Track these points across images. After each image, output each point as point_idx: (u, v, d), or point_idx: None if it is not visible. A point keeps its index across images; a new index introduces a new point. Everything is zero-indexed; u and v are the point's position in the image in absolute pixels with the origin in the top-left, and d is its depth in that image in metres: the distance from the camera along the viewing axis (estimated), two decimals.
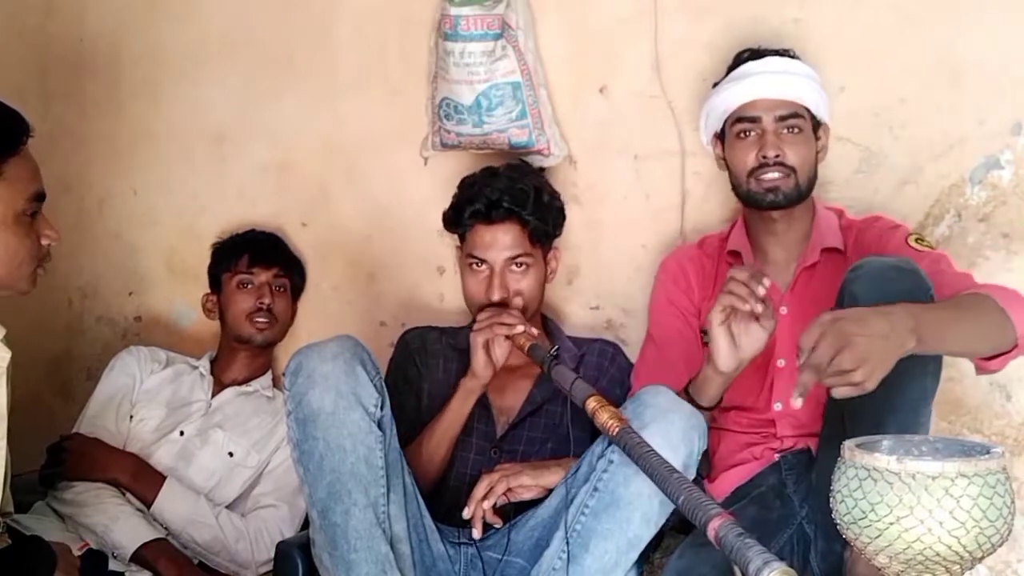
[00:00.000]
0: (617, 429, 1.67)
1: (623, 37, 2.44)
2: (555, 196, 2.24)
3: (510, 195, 2.13)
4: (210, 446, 2.38)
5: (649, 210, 2.45)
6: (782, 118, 2.05)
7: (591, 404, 1.73)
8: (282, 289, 2.57)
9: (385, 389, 1.89)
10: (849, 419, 1.82)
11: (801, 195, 2.07)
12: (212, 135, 2.81)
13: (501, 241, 2.14)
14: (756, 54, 2.11)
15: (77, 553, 2.07)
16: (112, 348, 2.68)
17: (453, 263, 2.59)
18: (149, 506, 2.24)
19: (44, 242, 1.82)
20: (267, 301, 2.52)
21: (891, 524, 1.43)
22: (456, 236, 2.25)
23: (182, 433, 2.39)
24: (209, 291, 2.63)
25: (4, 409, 1.80)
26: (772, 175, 2.04)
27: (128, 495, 2.25)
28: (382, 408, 1.87)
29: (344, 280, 2.72)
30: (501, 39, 2.37)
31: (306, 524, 2.25)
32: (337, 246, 2.72)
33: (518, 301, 2.14)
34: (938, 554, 1.42)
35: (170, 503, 2.25)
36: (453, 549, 2.00)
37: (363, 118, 2.67)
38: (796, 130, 2.05)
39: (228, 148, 2.80)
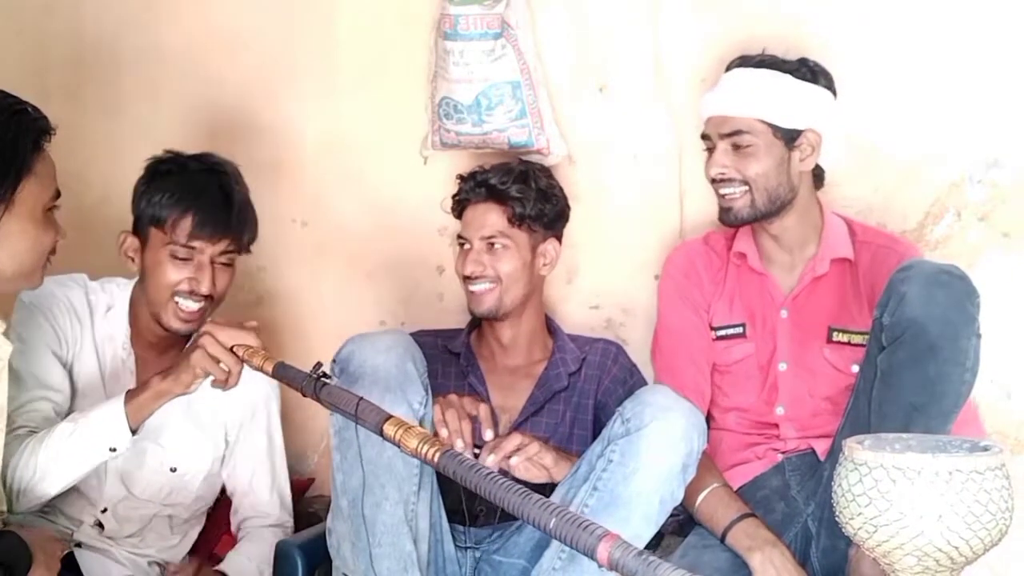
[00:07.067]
0: (438, 455, 1.41)
1: (623, 37, 2.44)
2: (553, 187, 2.25)
3: (496, 177, 2.20)
4: (147, 465, 2.06)
5: (648, 209, 2.45)
6: (727, 135, 2.06)
7: (389, 430, 1.48)
8: (228, 263, 2.05)
9: (430, 388, 1.89)
10: (876, 419, 1.82)
11: (759, 210, 2.07)
12: (211, 135, 2.80)
13: (479, 220, 2.20)
14: (743, 61, 2.11)
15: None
16: None
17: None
18: None
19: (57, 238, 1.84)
20: (204, 289, 1.99)
21: (893, 521, 1.46)
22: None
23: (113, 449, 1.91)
24: (132, 232, 2.08)
25: (4, 403, 1.80)
26: (725, 189, 2.08)
27: None
28: (425, 406, 1.86)
29: (344, 280, 2.72)
30: (501, 38, 2.37)
31: (307, 524, 2.25)
32: (337, 246, 2.72)
33: (493, 273, 2.16)
34: (939, 549, 1.46)
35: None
36: (460, 553, 2.01)
37: (363, 118, 2.67)
38: (745, 146, 2.05)
39: (227, 148, 2.79)
